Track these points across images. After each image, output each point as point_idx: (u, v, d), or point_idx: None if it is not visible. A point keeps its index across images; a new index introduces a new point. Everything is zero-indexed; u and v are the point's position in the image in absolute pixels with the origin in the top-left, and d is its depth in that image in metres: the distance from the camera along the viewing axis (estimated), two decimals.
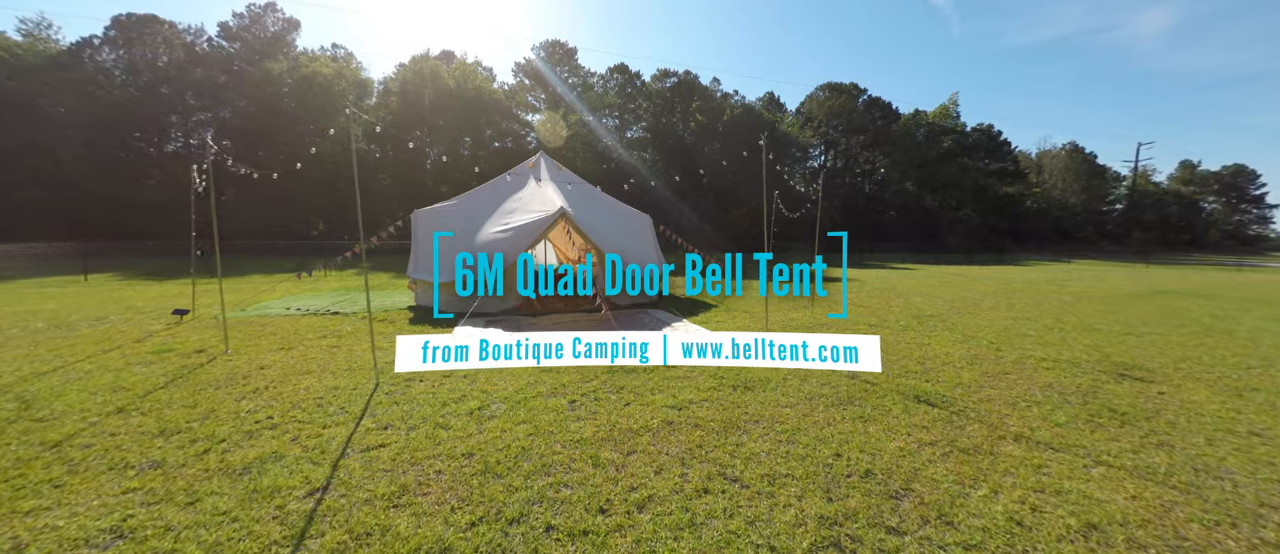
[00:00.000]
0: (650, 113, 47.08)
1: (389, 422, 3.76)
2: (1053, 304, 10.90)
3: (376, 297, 11.05)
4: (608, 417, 3.88)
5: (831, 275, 18.06)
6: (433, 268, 8.82)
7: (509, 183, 10.29)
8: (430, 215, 9.54)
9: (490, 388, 4.56)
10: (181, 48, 37.19)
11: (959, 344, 6.65)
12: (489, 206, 9.56)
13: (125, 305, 9.72)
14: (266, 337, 6.80)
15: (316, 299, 10.51)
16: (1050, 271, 23.69)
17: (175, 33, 37.12)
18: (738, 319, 8.35)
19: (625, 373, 5.00)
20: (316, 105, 35.44)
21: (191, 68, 36.97)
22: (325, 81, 36.58)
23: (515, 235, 8.64)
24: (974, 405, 4.25)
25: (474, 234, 8.92)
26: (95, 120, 32.32)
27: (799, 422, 3.81)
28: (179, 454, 3.21)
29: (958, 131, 56.86)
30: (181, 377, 4.92)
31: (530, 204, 9.31)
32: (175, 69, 36.67)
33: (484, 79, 42.04)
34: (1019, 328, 7.93)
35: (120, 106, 33.91)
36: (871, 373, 5.09)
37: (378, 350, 5.91)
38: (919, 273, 20.70)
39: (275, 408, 4.04)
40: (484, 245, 8.65)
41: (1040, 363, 5.70)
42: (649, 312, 8.91)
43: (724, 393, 4.47)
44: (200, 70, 37.05)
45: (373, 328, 5.13)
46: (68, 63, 33.54)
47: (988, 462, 3.20)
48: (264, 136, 35.49)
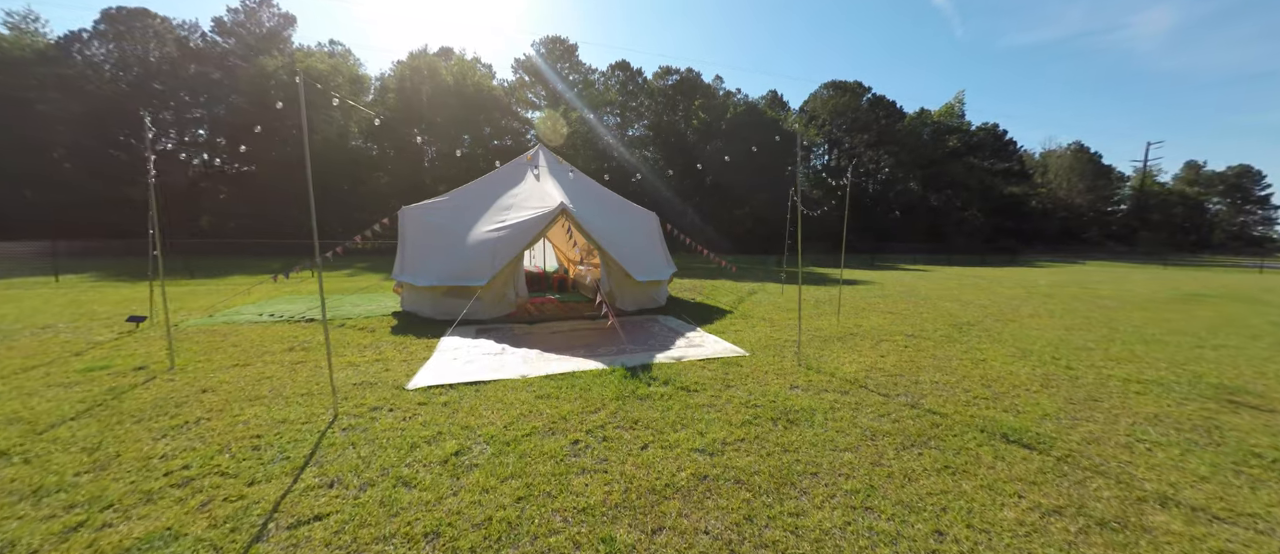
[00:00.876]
0: (652, 111, 46.26)
1: (337, 475, 2.89)
2: (1094, 310, 10.03)
3: (362, 300, 10.18)
4: (621, 466, 3.01)
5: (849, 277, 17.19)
6: (420, 269, 7.97)
7: (505, 177, 9.43)
8: (419, 213, 8.68)
9: (474, 420, 3.70)
10: (174, 42, 36.33)
11: (1018, 360, 5.78)
12: (483, 203, 8.69)
13: (82, 311, 8.86)
14: (224, 349, 5.94)
15: (296, 303, 9.65)
16: (1068, 273, 22.82)
17: (167, 27, 36.30)
18: (758, 328, 7.49)
19: (638, 400, 4.14)
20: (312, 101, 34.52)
21: (185, 63, 36.10)
22: (321, 78, 35.69)
23: (511, 234, 7.78)
24: (1079, 448, 3.38)
25: (466, 233, 8.06)
26: (84, 116, 31.48)
27: (869, 474, 2.95)
28: (37, 531, 2.35)
29: (963, 130, 56.06)
30: (102, 404, 4.05)
31: (527, 200, 8.45)
32: (167, 64, 35.80)
33: (483, 76, 41.20)
34: (1074, 339, 7.06)
35: (110, 102, 33.06)
36: (935, 399, 4.23)
37: (350, 365, 5.05)
38: (935, 274, 19.83)
39: (198, 452, 3.18)
40: (477, 245, 7.79)
41: (1126, 386, 4.84)
42: (658, 319, 8.05)
43: (762, 427, 3.61)
44: (193, 66, 36.18)
45: (330, 344, 4.26)
46: (56, 57, 32.70)
47: (1146, 544, 2.34)
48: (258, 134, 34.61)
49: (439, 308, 7.82)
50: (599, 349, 6.01)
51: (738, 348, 6.08)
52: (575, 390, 4.36)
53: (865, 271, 21.50)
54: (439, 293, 7.79)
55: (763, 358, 5.65)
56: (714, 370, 5.10)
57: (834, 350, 6.12)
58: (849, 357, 5.80)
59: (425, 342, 6.34)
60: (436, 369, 5.06)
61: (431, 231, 8.28)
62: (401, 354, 5.72)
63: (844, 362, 5.57)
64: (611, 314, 6.10)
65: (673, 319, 8.09)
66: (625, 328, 7.11)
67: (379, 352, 5.83)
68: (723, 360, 5.50)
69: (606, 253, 8.24)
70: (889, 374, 5.09)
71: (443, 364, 5.27)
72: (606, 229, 8.51)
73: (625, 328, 7.11)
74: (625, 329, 7.01)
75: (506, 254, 7.62)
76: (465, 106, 37.84)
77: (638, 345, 6.21)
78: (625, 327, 7.20)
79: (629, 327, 7.33)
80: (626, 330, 7.02)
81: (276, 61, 36.27)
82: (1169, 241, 59.04)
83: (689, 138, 45.08)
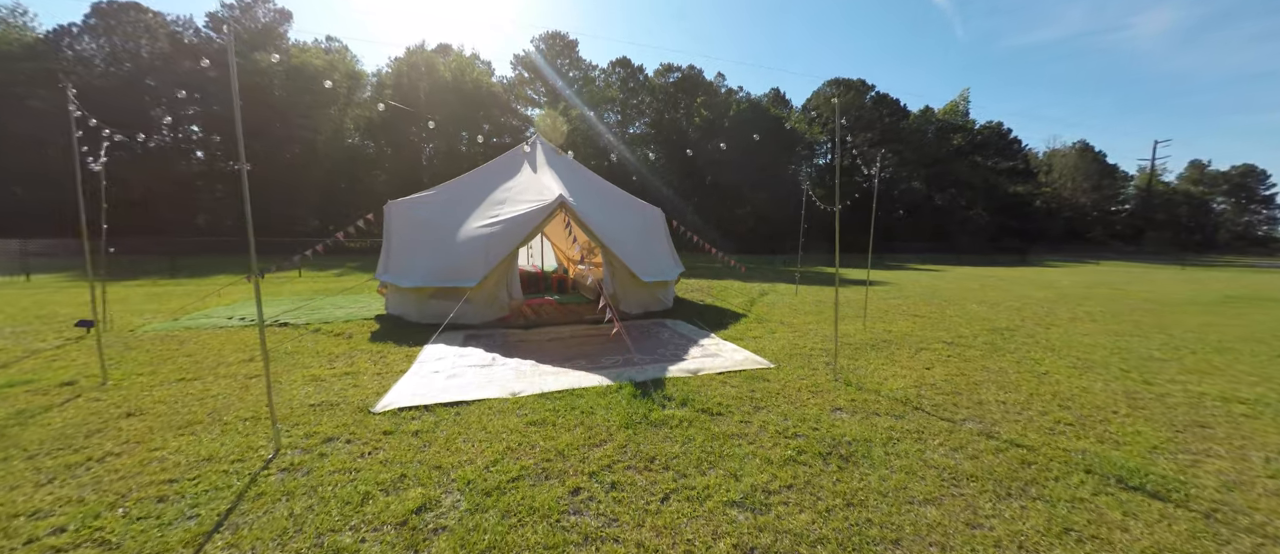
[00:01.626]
0: (653, 108, 45.51)
1: (253, 546, 2.14)
2: (1139, 314, 9.28)
3: (346, 302, 9.44)
4: (637, 531, 2.27)
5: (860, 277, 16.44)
6: (406, 269, 7.23)
7: (499, 170, 8.68)
8: (406, 208, 7.93)
9: (447, 457, 2.95)
10: (166, 38, 35.60)
11: (1084, 372, 5.04)
12: (475, 197, 7.94)
13: (40, 313, 8.12)
14: (175, 360, 5.19)
15: (274, 306, 8.91)
16: (1086, 273, 22.06)
17: (159, 22, 35.55)
18: (779, 334, 6.74)
19: (651, 427, 3.39)
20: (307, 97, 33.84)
21: (178, 59, 35.35)
22: (317, 73, 34.95)
23: (505, 230, 7.03)
24: (1223, 498, 2.64)
25: (456, 229, 7.31)
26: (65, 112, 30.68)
27: (970, 543, 2.20)
28: None
29: (967, 129, 55.37)
30: (1, 430, 3.32)
31: (523, 193, 7.70)
32: (160, 60, 35.07)
33: (481, 72, 40.46)
34: (1136, 346, 6.32)
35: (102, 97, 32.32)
36: (1010, 426, 3.49)
37: (313, 380, 4.30)
38: (948, 275, 19.08)
39: (85, 505, 2.43)
40: (468, 242, 7.05)
41: (1228, 407, 4.09)
42: (666, 324, 7.30)
43: (811, 467, 2.87)
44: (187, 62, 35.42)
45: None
46: (44, 51, 32.02)
47: None
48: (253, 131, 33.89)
49: (425, 311, 7.07)
50: (602, 359, 5.27)
51: (761, 358, 5.34)
52: (575, 414, 3.62)
53: (877, 271, 20.75)
54: (425, 295, 7.05)
55: (792, 371, 4.90)
56: (738, 386, 4.36)
57: (870, 361, 5.37)
58: (890, 369, 5.06)
59: (405, 350, 5.60)
60: (413, 385, 4.32)
61: (419, 228, 7.54)
62: (376, 366, 4.98)
63: (886, 375, 4.82)
64: (616, 319, 5.38)
65: (682, 323, 7.34)
66: (631, 334, 6.37)
67: (351, 362, 5.08)
68: (746, 374, 4.75)
69: (610, 251, 7.49)
70: (943, 391, 4.34)
71: (421, 379, 4.52)
72: (609, 225, 7.76)
73: (631, 334, 6.37)
74: (631, 335, 6.27)
75: (499, 252, 6.87)
76: (464, 103, 37.10)
77: (646, 355, 5.47)
78: (631, 332, 6.46)
79: (635, 332, 6.58)
80: (632, 336, 6.27)
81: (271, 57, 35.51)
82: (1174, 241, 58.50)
83: (691, 136, 44.32)
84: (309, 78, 34.40)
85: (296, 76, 34.26)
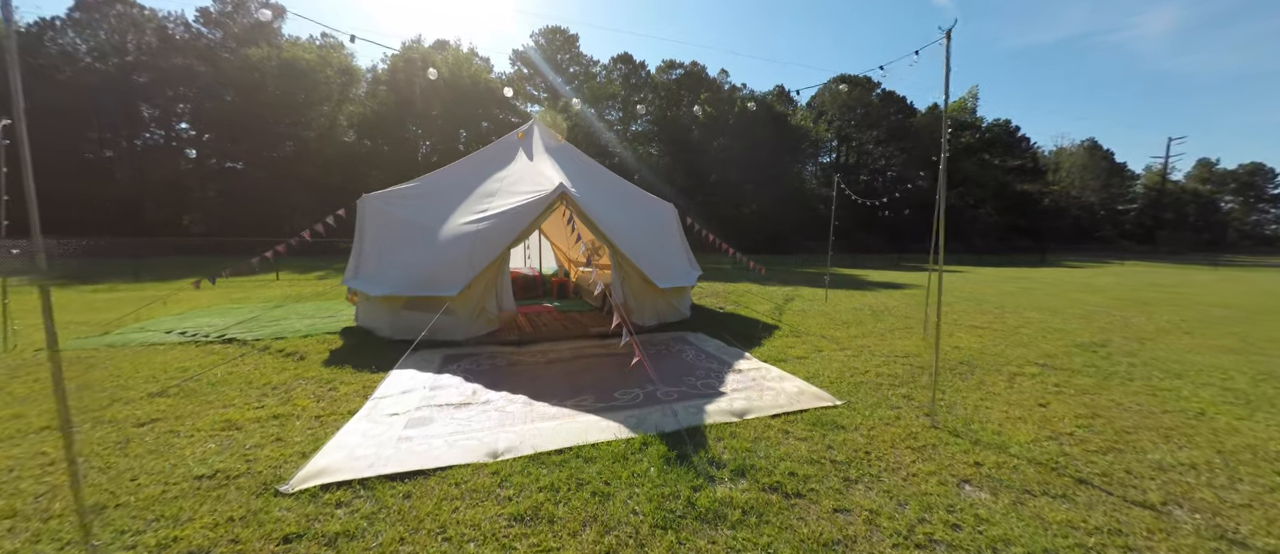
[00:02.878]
0: (656, 105, 44.27)
1: None
2: (1228, 323, 8.07)
3: (315, 310, 8.24)
4: None
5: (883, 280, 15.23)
6: (377, 273, 6.02)
7: (490, 159, 7.49)
8: (380, 203, 6.72)
9: None
10: (154, 32, 34.46)
11: (1249, 410, 3.83)
12: (462, 189, 6.73)
13: None
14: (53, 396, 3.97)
15: (228, 316, 7.71)
16: (1119, 275, 20.82)
17: (147, 16, 34.38)
18: (827, 353, 5.53)
19: (701, 524, 2.18)
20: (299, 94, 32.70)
21: (167, 54, 34.18)
22: (308, 68, 33.78)
23: (496, 226, 5.83)
24: None
25: (438, 227, 6.11)
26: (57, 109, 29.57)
27: None
28: None
29: (976, 126, 54.28)
30: None
31: (518, 184, 6.50)
32: (147, 55, 33.91)
33: (479, 68, 39.27)
34: (1275, 367, 5.11)
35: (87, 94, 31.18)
36: (1248, 519, 2.28)
37: (225, 429, 3.08)
38: (974, 276, 17.82)
39: None
40: (451, 242, 5.85)
41: None
42: (688, 340, 6.08)
43: None
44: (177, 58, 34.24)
45: (66, 415, 2.36)
46: (26, 46, 30.82)
47: None
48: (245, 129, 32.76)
49: (398, 325, 5.86)
50: (616, 391, 4.07)
51: (820, 391, 4.13)
52: (584, 498, 2.41)
53: (898, 273, 19.54)
54: (398, 305, 5.84)
55: (867, 410, 3.69)
56: (806, 437, 3.16)
57: (962, 394, 4.16)
58: (995, 407, 3.85)
59: (364, 379, 4.39)
60: (356, 439, 3.11)
61: (395, 225, 6.33)
62: (319, 403, 3.77)
63: (997, 418, 3.61)
64: (633, 339, 4.19)
65: (707, 338, 6.13)
66: (649, 353, 5.16)
67: (286, 397, 3.88)
68: (811, 417, 3.54)
69: (619, 252, 6.28)
70: (1091, 446, 3.13)
71: (372, 426, 3.32)
72: (619, 223, 6.55)
73: (649, 353, 5.16)
74: (650, 355, 5.07)
75: (487, 253, 5.66)
76: (461, 100, 35.95)
77: (671, 384, 4.26)
78: (649, 351, 5.25)
79: (653, 351, 5.37)
80: (651, 357, 5.07)
81: (262, 51, 34.35)
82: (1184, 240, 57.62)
83: (694, 133, 43.09)
84: (301, 73, 33.24)
85: (288, 72, 33.07)
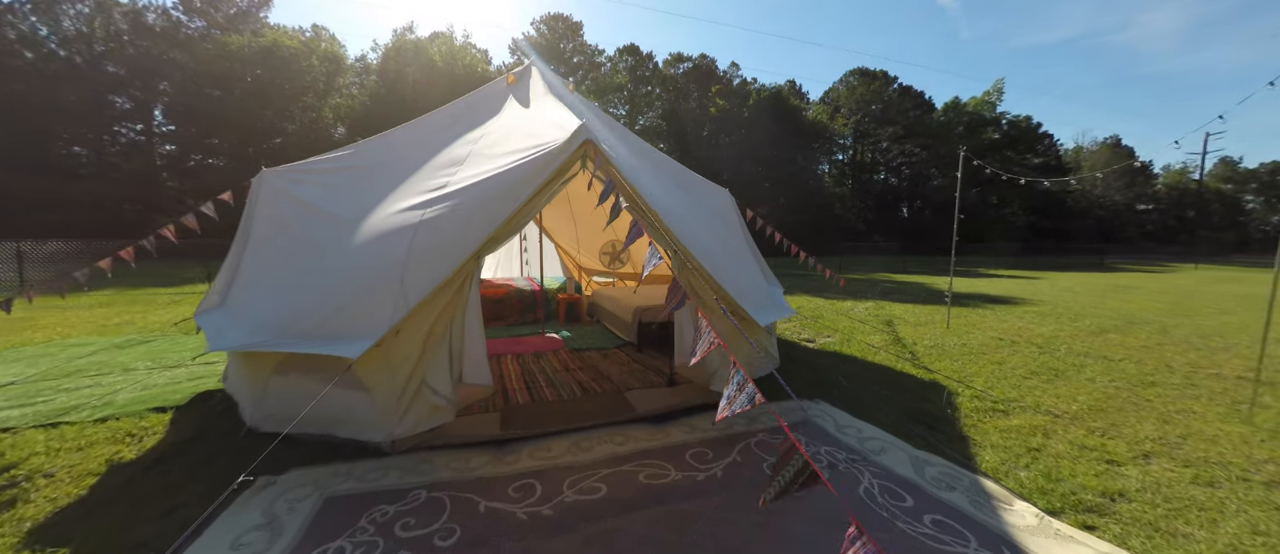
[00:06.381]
0: (664, 99, 41.64)
1: None
2: None
3: (171, 349, 5.59)
4: None
5: (978, 292, 12.59)
6: (242, 307, 3.35)
7: (462, 114, 4.76)
8: (281, 183, 4.01)
9: None
10: (123, 17, 31.85)
11: None
12: (413, 157, 4.07)
13: None
14: None
15: (42, 362, 5.08)
16: (1206, 280, 18.12)
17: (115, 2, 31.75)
18: (1131, 472, 2.92)
19: None
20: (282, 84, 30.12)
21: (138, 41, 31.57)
22: (291, 56, 31.18)
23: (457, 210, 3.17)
24: None
25: (360, 218, 3.44)
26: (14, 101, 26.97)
27: None
28: None
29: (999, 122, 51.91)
30: None
31: (501, 141, 3.80)
32: (116, 42, 31.31)
33: (475, 58, 36.64)
34: None
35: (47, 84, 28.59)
36: None
37: None
38: (1057, 283, 15.10)
39: None
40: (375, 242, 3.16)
41: None
42: (831, 434, 3.43)
43: None
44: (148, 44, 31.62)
45: None
46: None
47: None
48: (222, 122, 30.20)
49: (269, 403, 3.18)
50: None
51: None
52: None
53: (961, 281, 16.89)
54: (269, 367, 3.17)
55: None
56: None
57: None
58: None
59: None
60: None
61: (291, 218, 3.66)
62: None
63: None
64: (724, 411, 1.63)
65: (870, 427, 3.48)
66: (761, 463, 2.53)
67: None
68: None
69: (697, 264, 3.57)
70: None
71: None
72: (682, 218, 3.87)
73: (761, 463, 2.53)
74: (763, 471, 2.45)
75: (436, 266, 2.98)
76: (455, 91, 33.26)
77: None
78: (762, 456, 2.62)
79: (773, 460, 2.74)
80: (760, 475, 2.45)
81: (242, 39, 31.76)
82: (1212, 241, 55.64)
83: (705, 129, 40.46)
84: (281, 60, 30.64)
85: (270, 59, 30.47)
